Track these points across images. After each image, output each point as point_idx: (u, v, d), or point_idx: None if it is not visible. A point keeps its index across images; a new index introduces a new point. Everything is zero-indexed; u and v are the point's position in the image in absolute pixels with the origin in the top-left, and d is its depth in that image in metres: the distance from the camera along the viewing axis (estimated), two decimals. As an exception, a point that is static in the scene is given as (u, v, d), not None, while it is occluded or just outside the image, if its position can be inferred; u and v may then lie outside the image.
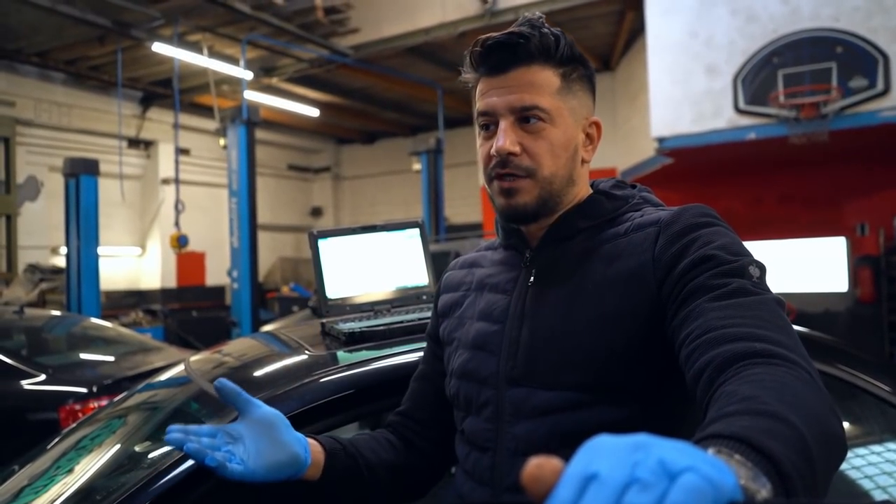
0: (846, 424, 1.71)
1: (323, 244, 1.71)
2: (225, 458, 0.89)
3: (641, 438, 0.43)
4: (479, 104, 0.97)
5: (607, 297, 0.90)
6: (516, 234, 1.04)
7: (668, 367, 0.84)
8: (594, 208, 0.99)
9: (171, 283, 12.69)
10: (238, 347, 1.84)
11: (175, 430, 0.89)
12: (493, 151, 0.94)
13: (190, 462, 1.08)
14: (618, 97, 11.26)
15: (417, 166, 11.13)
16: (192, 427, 0.92)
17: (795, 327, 1.64)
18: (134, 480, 1.10)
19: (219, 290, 12.96)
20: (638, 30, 8.64)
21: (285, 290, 12.66)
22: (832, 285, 8.66)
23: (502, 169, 0.94)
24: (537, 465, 0.44)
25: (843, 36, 6.54)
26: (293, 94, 12.23)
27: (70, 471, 1.40)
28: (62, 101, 11.26)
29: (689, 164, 8.24)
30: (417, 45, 9.54)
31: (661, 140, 7.31)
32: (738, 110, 6.95)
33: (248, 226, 8.52)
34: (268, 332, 2.03)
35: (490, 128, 0.96)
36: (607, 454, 0.42)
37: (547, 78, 0.95)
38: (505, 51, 0.94)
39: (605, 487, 0.40)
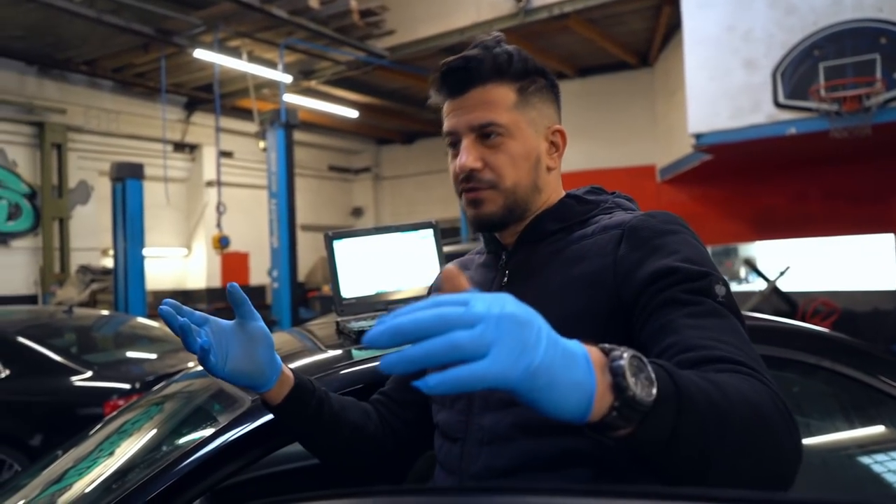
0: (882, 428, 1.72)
1: (338, 245, 1.76)
2: (205, 349, 0.95)
3: (536, 316, 0.57)
4: (444, 126, 1.03)
5: (570, 298, 0.93)
6: (493, 239, 1.09)
7: None
8: (564, 212, 1.03)
9: (216, 282, 13.00)
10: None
11: (168, 304, 0.95)
12: (455, 169, 1.01)
13: (214, 444, 1.16)
14: (656, 93, 11.13)
15: (455, 166, 11.15)
16: (186, 308, 0.98)
17: (836, 334, 1.66)
18: (159, 464, 1.18)
19: (262, 290, 13.22)
20: (675, 24, 8.53)
21: (326, 289, 12.84)
22: (880, 283, 8.41)
23: (467, 183, 1.01)
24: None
25: (888, 26, 6.35)
26: (332, 96, 12.40)
27: (111, 453, 1.49)
28: (110, 108, 11.63)
29: (728, 160, 8.10)
30: (453, 45, 9.58)
31: (698, 136, 7.21)
32: (777, 105, 6.81)
33: (288, 226, 8.68)
34: (292, 329, 2.10)
35: (456, 146, 1.02)
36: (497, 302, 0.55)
37: (502, 94, 1.00)
38: (459, 74, 1.00)
39: (452, 309, 0.53)
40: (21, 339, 4.50)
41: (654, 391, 0.61)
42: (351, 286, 1.76)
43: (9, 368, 4.33)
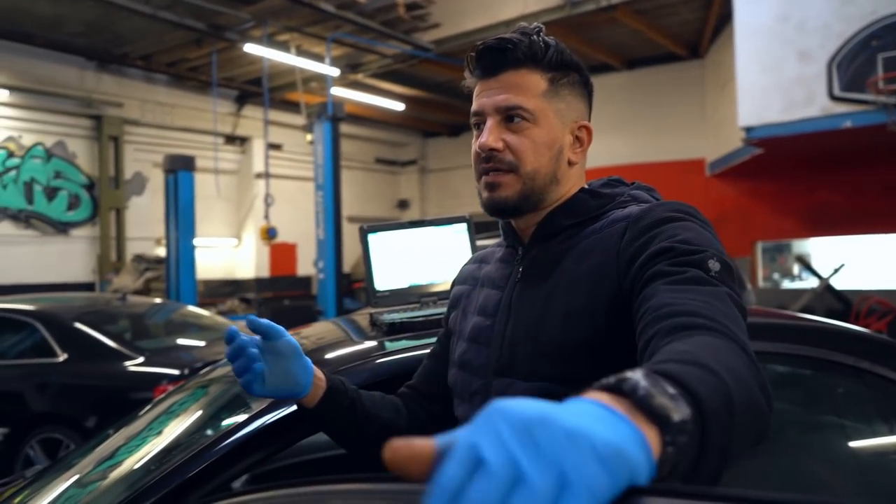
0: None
1: (372, 238, 1.80)
2: (250, 380, 1.02)
3: (545, 410, 0.41)
4: (472, 106, 1.04)
5: (578, 292, 0.94)
6: (512, 234, 1.10)
7: (635, 358, 0.86)
8: (578, 206, 1.03)
9: (265, 272, 13.27)
10: (303, 333, 1.97)
11: (233, 333, 1.02)
12: (476, 148, 1.01)
13: (250, 428, 1.23)
14: (707, 86, 10.89)
15: (500, 158, 11.14)
16: (245, 340, 1.03)
17: (877, 335, 1.61)
18: (203, 442, 1.24)
19: (309, 280, 13.45)
20: (727, 15, 8.33)
21: (371, 280, 12.96)
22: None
23: (487, 164, 1.00)
24: (407, 444, 0.44)
25: (951, 15, 6.11)
26: (379, 89, 12.50)
27: (159, 433, 1.56)
28: (164, 101, 11.96)
29: (780, 154, 7.90)
30: (499, 38, 9.54)
31: (748, 130, 7.05)
32: (832, 97, 6.61)
33: (333, 218, 8.80)
34: (330, 321, 2.15)
35: (480, 127, 1.02)
36: (504, 429, 0.40)
37: (533, 81, 1.00)
38: (495, 54, 1.00)
39: (490, 482, 0.38)
40: (78, 325, 4.68)
41: (686, 407, 0.53)
42: (385, 279, 1.79)
43: (66, 352, 4.51)
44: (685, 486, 0.51)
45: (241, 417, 1.28)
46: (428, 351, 1.39)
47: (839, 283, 8.31)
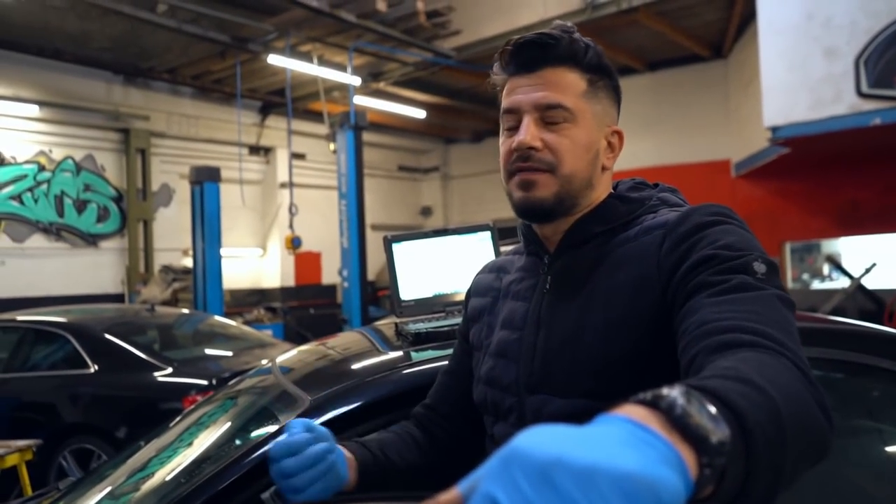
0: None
1: (397, 248, 1.81)
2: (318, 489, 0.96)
3: (562, 449, 0.40)
4: (504, 102, 0.99)
5: (615, 304, 0.91)
6: (535, 241, 1.05)
7: (678, 373, 0.83)
8: (608, 213, 0.99)
9: (290, 281, 13.35)
10: (330, 343, 1.97)
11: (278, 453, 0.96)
12: (514, 145, 0.96)
13: (265, 448, 1.21)
14: (730, 85, 10.78)
15: (523, 163, 11.12)
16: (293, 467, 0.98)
17: None
18: (223, 462, 1.24)
19: (334, 289, 13.51)
20: (750, 14, 8.23)
21: (395, 288, 12.98)
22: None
23: (523, 163, 0.96)
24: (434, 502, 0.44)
25: (983, 8, 5.97)
26: (401, 97, 12.55)
27: (190, 444, 1.58)
28: (190, 114, 12.11)
29: (807, 153, 7.77)
30: (519, 43, 9.52)
31: (774, 129, 6.95)
32: (860, 94, 6.49)
33: (357, 227, 8.84)
34: (357, 331, 2.16)
35: (512, 125, 0.98)
36: (520, 476, 0.40)
37: (573, 80, 0.97)
38: (535, 50, 0.96)
39: None
40: (108, 336, 4.76)
41: (726, 427, 0.51)
42: (410, 288, 1.79)
43: (97, 364, 4.58)
44: None
45: (270, 429, 1.29)
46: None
47: (871, 283, 8.14)
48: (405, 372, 1.36)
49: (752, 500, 0.54)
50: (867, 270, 8.06)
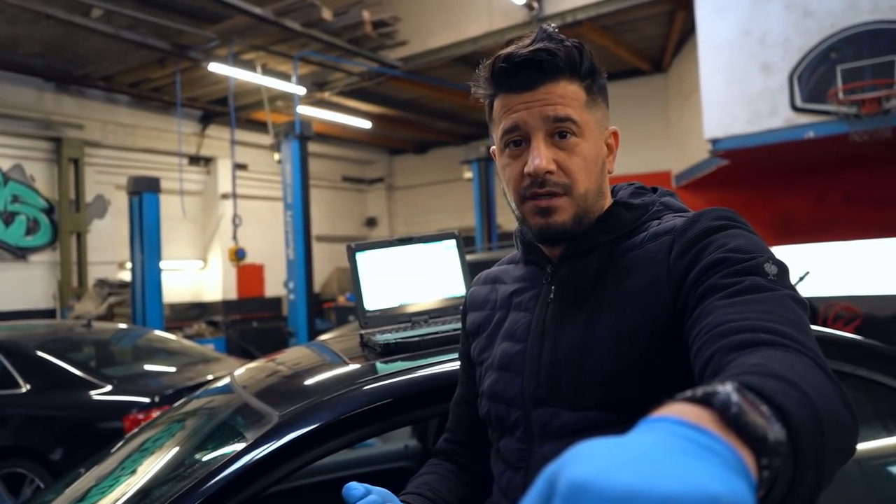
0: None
1: (361, 257, 1.75)
2: None
3: (633, 481, 0.35)
4: (504, 122, 0.94)
5: (624, 313, 0.88)
6: (536, 250, 1.02)
7: (692, 382, 0.80)
8: (614, 221, 0.96)
9: (232, 294, 13.05)
10: (286, 358, 1.90)
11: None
12: (528, 170, 0.91)
13: (235, 466, 1.15)
14: (670, 99, 11.09)
15: (469, 175, 11.18)
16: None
17: (871, 341, 1.58)
18: (186, 482, 1.16)
19: (278, 301, 13.26)
20: (689, 30, 8.50)
21: (341, 299, 12.85)
22: (904, 287, 8.27)
23: (540, 189, 0.91)
24: None
25: (906, 27, 6.29)
26: (346, 107, 12.45)
27: (133, 472, 1.47)
28: (127, 122, 11.73)
29: (745, 165, 8.04)
30: (465, 55, 9.60)
31: (714, 141, 7.16)
32: (795, 108, 6.76)
33: (303, 238, 8.70)
34: (315, 343, 2.09)
35: (521, 144, 0.93)
36: None
37: (574, 92, 0.92)
38: (533, 68, 0.91)
39: None
40: (41, 354, 4.51)
41: (780, 426, 0.48)
42: (374, 298, 1.73)
43: (29, 383, 4.34)
44: None
45: (231, 450, 1.21)
46: (436, 373, 1.34)
47: (805, 291, 8.45)
48: (378, 385, 1.30)
49: (797, 501, 0.52)
50: (801, 279, 8.35)
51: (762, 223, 9.86)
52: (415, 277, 1.76)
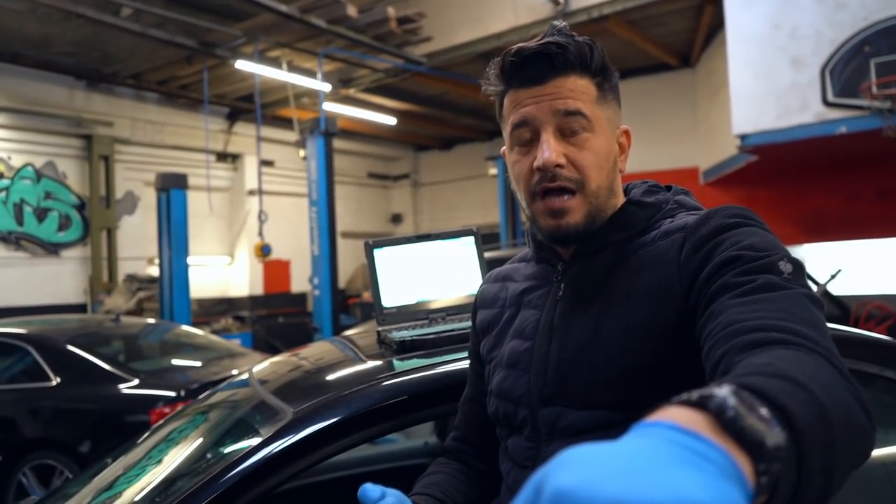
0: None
1: (378, 254, 1.74)
2: None
3: (619, 491, 0.34)
4: (513, 116, 0.93)
5: (634, 311, 0.86)
6: (548, 247, 1.01)
7: (703, 380, 0.79)
8: (627, 220, 0.95)
9: (259, 290, 13.16)
10: (304, 353, 1.90)
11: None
12: (538, 164, 0.90)
13: (249, 461, 1.16)
14: (698, 94, 10.94)
15: (494, 171, 11.15)
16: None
17: None
18: (201, 477, 1.17)
19: (304, 297, 13.36)
20: (718, 24, 8.36)
21: (366, 295, 12.89)
22: (938, 286, 8.09)
23: (551, 183, 0.90)
24: None
25: (943, 19, 6.13)
26: (371, 103, 12.48)
27: (159, 461, 1.50)
28: (155, 120, 11.89)
29: (775, 161, 7.90)
30: (490, 51, 9.56)
31: (743, 137, 7.05)
32: (826, 103, 6.62)
33: (328, 234, 8.75)
34: (335, 338, 2.09)
35: (530, 141, 0.92)
36: None
37: (585, 87, 0.92)
38: (542, 61, 0.90)
39: None
40: (71, 348, 4.60)
41: (780, 429, 0.46)
42: (392, 295, 1.73)
43: (59, 376, 4.42)
44: None
45: (247, 445, 1.22)
46: (451, 371, 1.33)
47: (837, 289, 8.28)
48: (392, 382, 1.30)
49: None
50: (832, 277, 8.19)
51: (792, 220, 9.69)
52: (432, 274, 1.76)
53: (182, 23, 8.77)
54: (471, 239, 1.78)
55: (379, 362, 1.47)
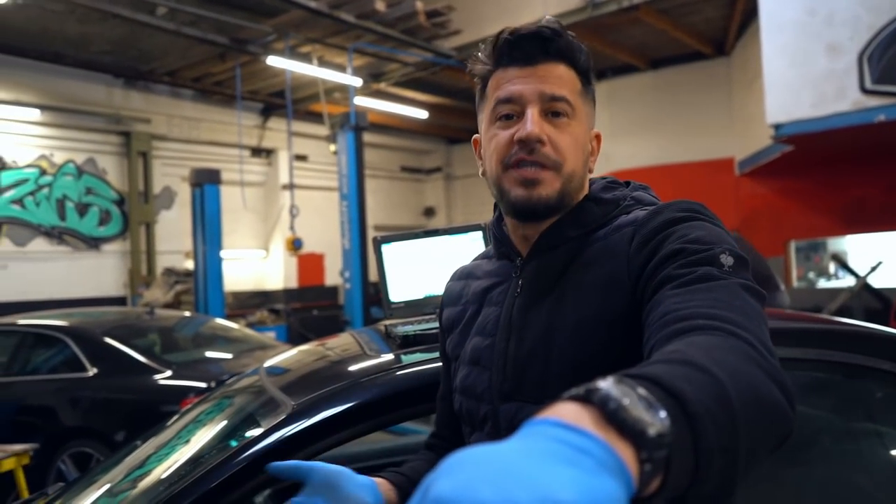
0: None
1: (386, 249, 1.77)
2: None
3: (482, 494, 0.35)
4: (499, 92, 0.94)
5: (586, 304, 0.88)
6: (507, 243, 1.02)
7: None
8: (584, 216, 0.96)
9: (293, 283, 13.34)
10: (317, 347, 1.94)
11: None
12: (520, 136, 0.90)
13: (248, 452, 1.20)
14: (733, 84, 10.72)
15: (526, 164, 11.09)
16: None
17: None
18: (203, 468, 1.22)
19: (335, 290, 13.49)
20: (752, 11, 8.18)
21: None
22: None
23: (528, 156, 0.90)
24: None
25: None
26: (402, 97, 12.52)
27: (187, 441, 1.56)
28: (191, 116, 12.11)
29: (811, 150, 7.72)
30: (520, 43, 9.49)
31: (777, 127, 6.90)
32: (864, 90, 6.44)
33: (358, 228, 8.82)
34: (351, 332, 2.13)
35: (512, 118, 0.93)
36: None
37: (571, 77, 0.94)
38: (535, 42, 0.92)
39: None
40: (107, 340, 4.74)
41: (665, 417, 0.47)
42: (400, 290, 1.76)
43: (96, 367, 4.56)
44: None
45: (255, 432, 1.26)
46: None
47: (877, 282, 8.08)
48: (390, 376, 1.33)
49: (708, 487, 0.52)
50: (873, 269, 7.99)
51: (830, 211, 9.46)
52: (440, 269, 1.77)
53: (215, 20, 8.91)
54: (479, 234, 1.80)
55: (383, 356, 1.50)
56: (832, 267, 11.45)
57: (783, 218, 9.82)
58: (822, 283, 11.17)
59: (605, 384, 0.47)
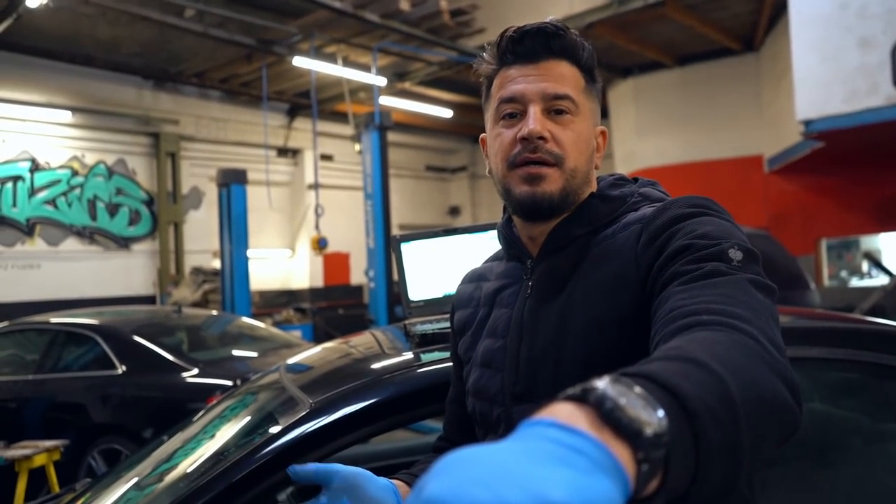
0: None
1: (406, 247, 1.76)
2: None
3: (478, 496, 0.35)
4: (502, 91, 0.94)
5: (595, 304, 0.87)
6: (517, 245, 1.02)
7: None
8: (590, 214, 0.96)
9: (319, 282, 13.42)
10: (339, 345, 1.95)
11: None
12: (523, 134, 0.91)
13: (285, 438, 1.21)
14: (763, 79, 10.56)
15: (551, 162, 11.04)
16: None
17: None
18: (222, 465, 1.23)
19: (360, 289, 13.55)
20: (781, 5, 8.04)
21: (423, 288, 12.96)
22: None
23: (532, 154, 0.91)
24: None
25: None
26: (426, 96, 12.54)
27: (213, 436, 1.59)
28: (218, 117, 12.25)
29: (843, 147, 7.57)
30: (545, 41, 9.44)
31: (807, 123, 6.78)
32: (898, 85, 6.30)
33: (383, 227, 8.85)
34: (372, 330, 2.13)
35: (515, 116, 0.94)
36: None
37: (574, 74, 0.94)
38: (539, 39, 0.93)
39: None
40: (136, 338, 4.81)
41: (662, 416, 0.46)
42: (419, 288, 1.75)
43: (125, 365, 4.63)
44: None
45: (273, 430, 1.27)
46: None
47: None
48: (407, 374, 1.33)
49: (710, 485, 0.51)
50: (907, 267, 7.82)
51: (864, 209, 9.27)
52: (459, 268, 1.77)
53: (241, 22, 9.01)
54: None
55: (402, 355, 1.50)
56: (865, 265, 11.23)
57: (814, 215, 9.65)
58: (855, 282, 10.96)
59: (602, 383, 0.47)
